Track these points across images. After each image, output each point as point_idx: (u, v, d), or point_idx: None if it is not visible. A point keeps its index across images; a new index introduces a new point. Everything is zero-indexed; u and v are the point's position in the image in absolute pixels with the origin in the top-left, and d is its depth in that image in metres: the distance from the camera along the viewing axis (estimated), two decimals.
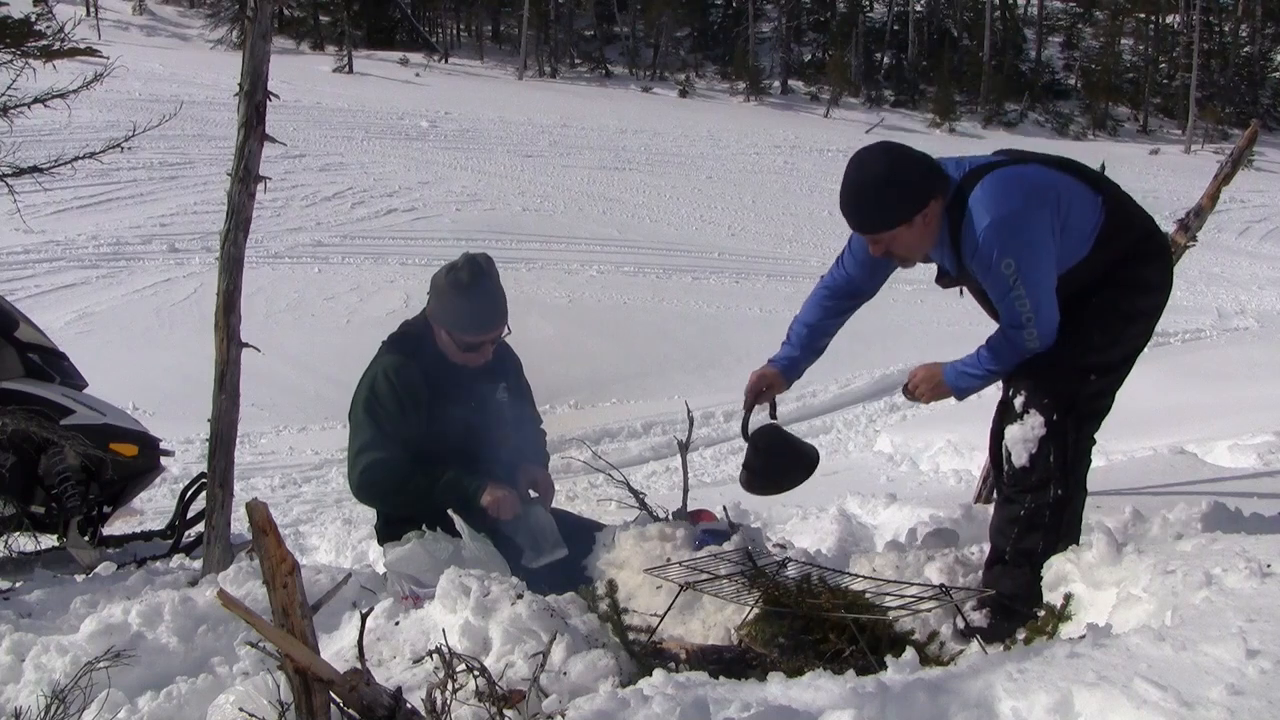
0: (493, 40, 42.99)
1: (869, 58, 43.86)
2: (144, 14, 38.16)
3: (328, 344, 10.52)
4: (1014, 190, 2.90)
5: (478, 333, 3.51)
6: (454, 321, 3.49)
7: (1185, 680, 1.94)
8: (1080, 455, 3.05)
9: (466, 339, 3.50)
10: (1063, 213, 2.92)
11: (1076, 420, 3.01)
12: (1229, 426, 6.61)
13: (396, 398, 3.42)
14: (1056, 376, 2.99)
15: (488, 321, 3.51)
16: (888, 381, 10.62)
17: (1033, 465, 2.99)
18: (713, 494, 6.36)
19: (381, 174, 17.75)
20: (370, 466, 3.41)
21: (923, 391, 3.23)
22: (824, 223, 17.86)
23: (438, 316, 3.52)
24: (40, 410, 3.96)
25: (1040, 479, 2.99)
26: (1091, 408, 3.06)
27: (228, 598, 1.93)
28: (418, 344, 3.55)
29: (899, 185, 2.92)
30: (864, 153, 3.01)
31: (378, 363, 3.53)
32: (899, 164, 2.94)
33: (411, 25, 41.36)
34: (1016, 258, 2.85)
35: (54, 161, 3.78)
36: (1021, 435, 2.99)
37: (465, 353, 3.53)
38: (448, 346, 3.54)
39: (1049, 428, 2.97)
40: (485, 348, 3.55)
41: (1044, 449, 2.97)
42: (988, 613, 2.95)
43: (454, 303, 3.47)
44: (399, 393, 3.43)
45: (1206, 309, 14.87)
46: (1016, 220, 2.86)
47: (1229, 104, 41.14)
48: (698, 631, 2.95)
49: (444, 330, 3.52)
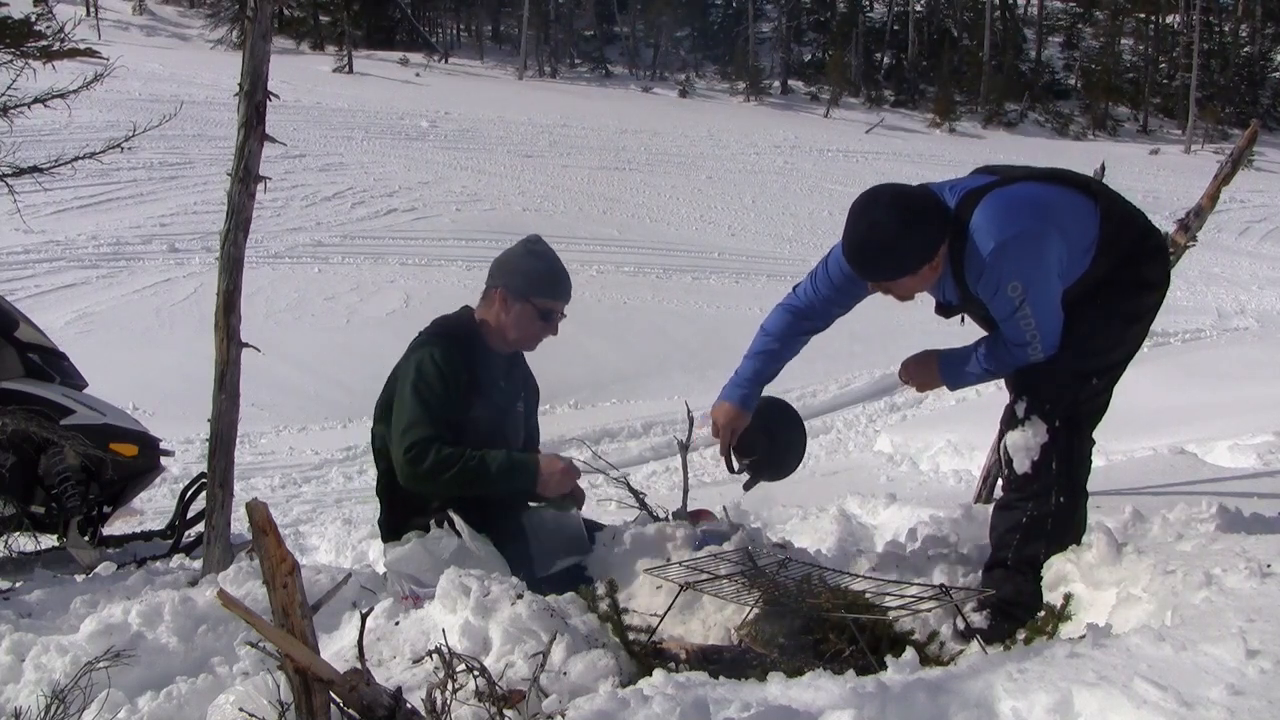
0: (493, 40, 43.01)
1: (869, 58, 43.88)
2: (144, 14, 38.19)
3: (328, 344, 10.53)
4: (1018, 211, 2.84)
5: (560, 297, 3.61)
6: (538, 287, 3.55)
7: (1185, 680, 1.94)
8: (1082, 460, 3.04)
9: (549, 304, 3.57)
10: (1065, 230, 2.86)
11: (1078, 426, 3.00)
12: (1229, 426, 6.60)
13: (443, 380, 3.41)
14: (1059, 383, 2.96)
15: (568, 287, 3.64)
16: (888, 381, 10.62)
17: (1035, 473, 2.97)
18: (713, 494, 6.36)
19: (381, 174, 17.76)
20: (420, 446, 3.32)
21: (915, 380, 3.21)
22: (824, 223, 17.86)
23: (519, 288, 3.54)
24: (40, 410, 3.96)
25: (1043, 486, 2.97)
26: (1092, 408, 3.05)
27: (228, 598, 1.93)
28: (464, 335, 3.57)
29: (910, 241, 2.84)
30: (871, 202, 2.88)
31: (423, 348, 3.50)
32: (910, 219, 2.83)
33: (411, 25, 41.37)
34: (1025, 280, 2.79)
35: (54, 161, 3.78)
36: (1024, 443, 2.97)
37: (541, 324, 3.57)
38: (520, 325, 3.55)
39: (1051, 435, 2.95)
40: (555, 321, 3.61)
41: (1046, 456, 2.95)
42: (988, 613, 2.94)
43: (538, 270, 3.57)
44: (445, 376, 3.41)
45: (1206, 309, 14.86)
46: (1024, 241, 2.79)
47: (1229, 104, 41.17)
48: (698, 631, 2.95)
49: (526, 304, 3.53)
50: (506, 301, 3.56)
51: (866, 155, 26.26)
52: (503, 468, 3.32)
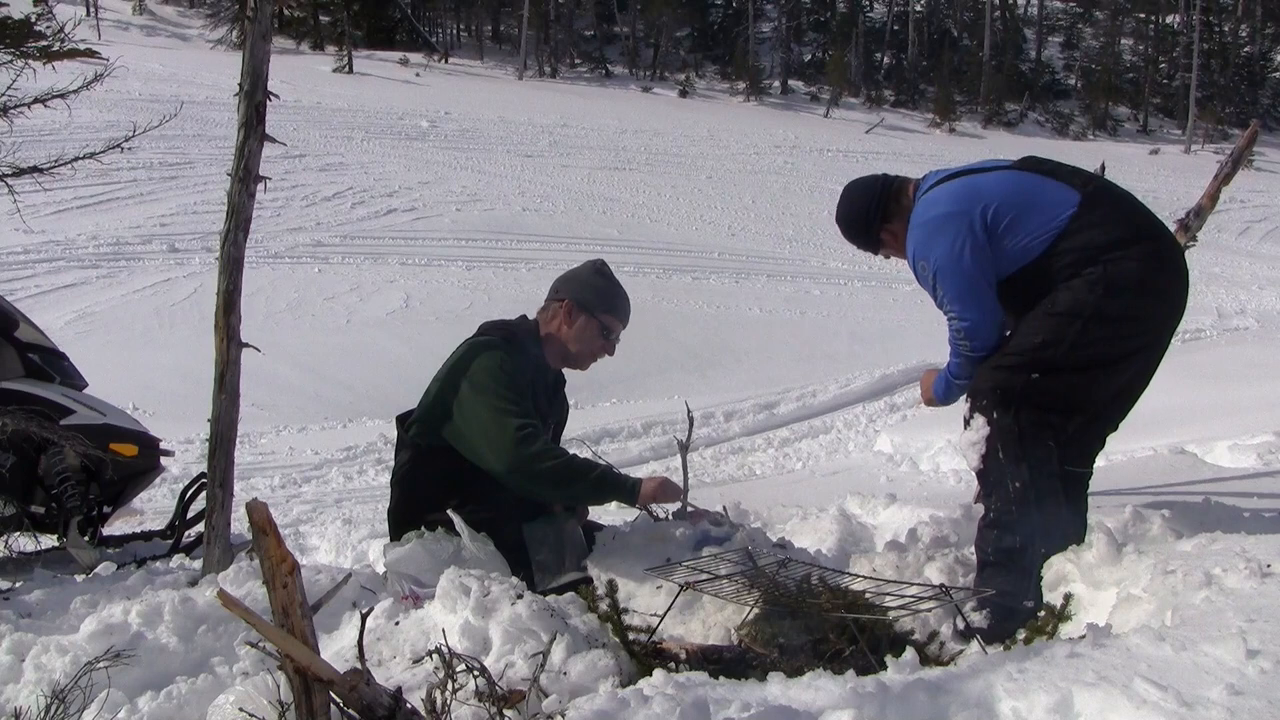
0: (493, 40, 43.02)
1: (869, 58, 43.89)
2: (144, 14, 38.20)
3: (328, 344, 10.52)
4: (936, 201, 3.17)
5: (622, 318, 3.70)
6: (605, 303, 3.64)
7: (1185, 680, 1.94)
8: (1036, 443, 3.01)
9: (613, 321, 3.65)
10: (994, 218, 3.06)
11: (1016, 412, 3.01)
12: (1229, 426, 6.60)
13: (514, 380, 3.41)
14: (991, 374, 3.07)
15: (629, 310, 3.74)
16: (888, 381, 10.63)
17: (986, 465, 3.06)
18: (713, 494, 6.36)
19: (381, 174, 17.76)
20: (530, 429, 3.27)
21: (925, 396, 3.47)
22: (824, 223, 17.85)
23: (587, 301, 3.61)
24: (40, 410, 3.96)
25: (997, 476, 3.04)
26: (1042, 402, 3.01)
27: (228, 598, 1.93)
28: (522, 344, 3.57)
29: (854, 223, 3.42)
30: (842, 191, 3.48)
31: (493, 350, 3.45)
32: (850, 205, 3.41)
33: (411, 25, 41.38)
34: (929, 259, 3.11)
35: (54, 161, 3.78)
36: (969, 439, 3.08)
37: (601, 341, 3.64)
38: (581, 339, 3.61)
39: (990, 425, 3.04)
40: (614, 341, 3.69)
41: (991, 446, 3.04)
42: (988, 613, 2.95)
43: (605, 288, 3.67)
44: (515, 377, 3.42)
45: (1206, 309, 14.87)
46: (930, 226, 3.13)
47: (1229, 104, 41.18)
48: (698, 631, 2.95)
49: (592, 318, 3.60)
50: (572, 314, 3.61)
51: (866, 155, 26.27)
52: (603, 477, 3.34)
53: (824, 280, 15.02)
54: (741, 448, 8.73)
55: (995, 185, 3.15)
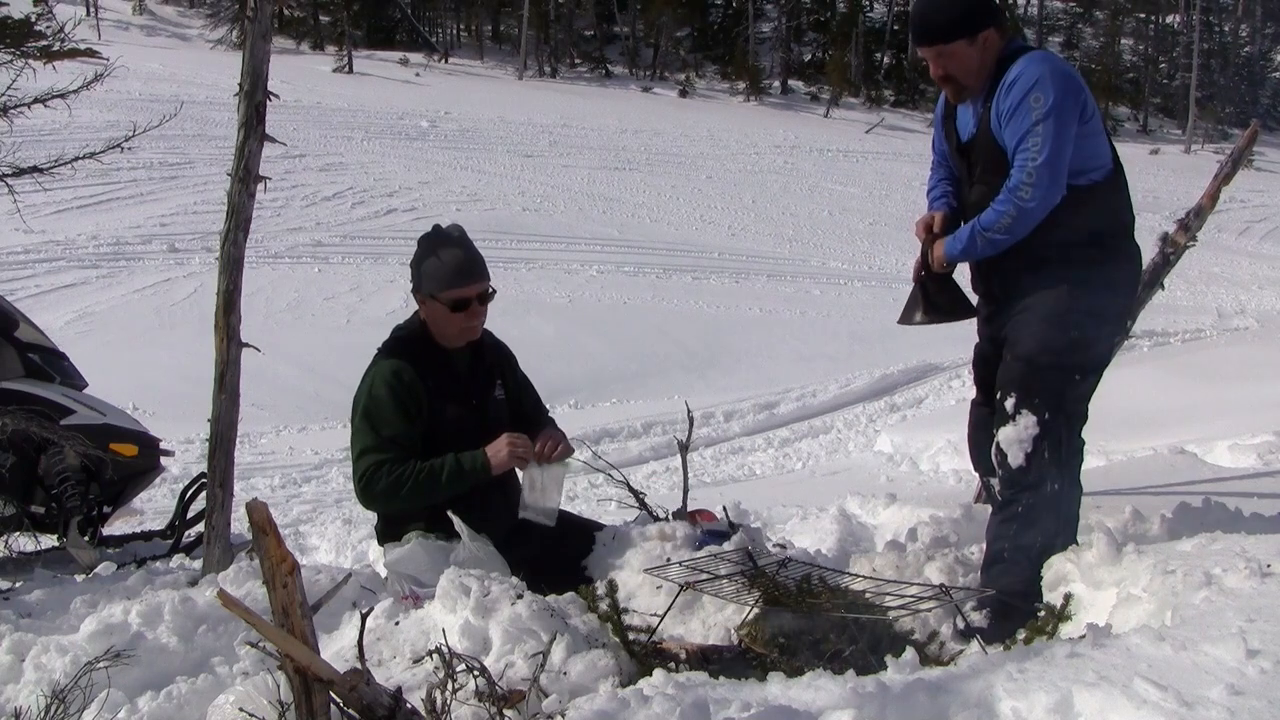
0: (493, 40, 42.98)
1: (869, 58, 43.85)
2: (144, 14, 38.17)
3: (328, 344, 10.52)
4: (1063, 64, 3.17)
5: (466, 283, 3.43)
6: (442, 279, 3.42)
7: (1185, 680, 1.94)
8: (1074, 452, 3.12)
9: (456, 294, 3.41)
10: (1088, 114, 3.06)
11: (1067, 418, 3.08)
12: (1229, 426, 6.61)
13: (395, 402, 3.37)
14: (1045, 377, 3.07)
15: (474, 270, 3.47)
16: (888, 381, 10.64)
17: (1029, 464, 3.05)
18: (713, 494, 6.37)
19: (381, 174, 17.75)
20: (371, 470, 3.36)
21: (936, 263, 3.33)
22: (824, 223, 17.87)
23: (424, 288, 3.45)
24: (40, 410, 3.96)
25: (1037, 477, 3.05)
26: (1077, 408, 3.13)
27: (228, 598, 1.94)
28: (413, 345, 3.50)
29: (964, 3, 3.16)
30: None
31: (374, 368, 3.47)
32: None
33: (411, 25, 41.37)
34: (1050, 95, 2.99)
35: (54, 161, 3.79)
36: (1016, 436, 3.06)
37: (458, 316, 3.44)
38: (441, 323, 3.46)
39: (1041, 426, 3.04)
40: (475, 309, 3.47)
41: (1039, 447, 3.04)
42: (988, 613, 2.95)
43: (438, 259, 3.43)
44: (398, 396, 3.38)
45: (1206, 309, 14.87)
46: (1062, 74, 3.06)
47: (1229, 104, 41.16)
48: (698, 631, 2.95)
49: (435, 302, 3.44)
50: (423, 304, 3.50)
51: (866, 155, 26.26)
52: (452, 471, 3.34)
53: (824, 280, 15.02)
54: (741, 448, 8.73)
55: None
